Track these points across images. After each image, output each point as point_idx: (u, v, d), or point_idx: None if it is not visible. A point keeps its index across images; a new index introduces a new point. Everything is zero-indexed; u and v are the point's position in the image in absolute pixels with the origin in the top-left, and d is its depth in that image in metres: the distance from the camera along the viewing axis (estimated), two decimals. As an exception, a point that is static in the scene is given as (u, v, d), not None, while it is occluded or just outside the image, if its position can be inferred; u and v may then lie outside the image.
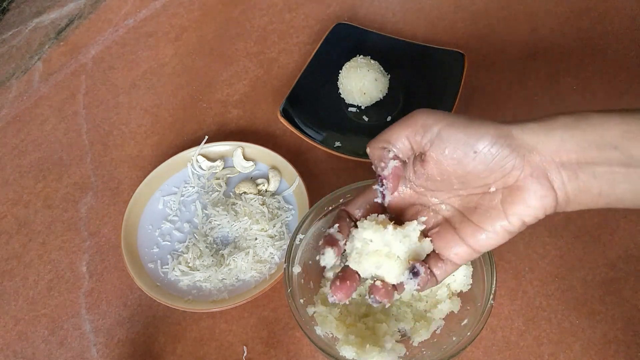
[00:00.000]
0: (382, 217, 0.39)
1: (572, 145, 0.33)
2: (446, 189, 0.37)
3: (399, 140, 0.36)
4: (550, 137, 0.33)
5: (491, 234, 0.36)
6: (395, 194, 0.39)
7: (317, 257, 0.39)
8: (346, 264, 0.39)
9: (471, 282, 0.45)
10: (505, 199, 0.35)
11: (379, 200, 0.39)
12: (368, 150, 0.38)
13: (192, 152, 0.66)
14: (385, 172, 0.37)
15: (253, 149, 0.65)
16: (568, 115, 0.34)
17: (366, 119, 0.68)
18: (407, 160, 0.38)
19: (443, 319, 0.46)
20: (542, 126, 0.34)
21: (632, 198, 0.34)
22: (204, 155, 0.66)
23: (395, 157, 0.36)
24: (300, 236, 0.47)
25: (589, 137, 0.33)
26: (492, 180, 0.35)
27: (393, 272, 0.37)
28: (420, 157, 0.37)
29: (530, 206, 0.34)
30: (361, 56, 0.67)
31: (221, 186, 0.63)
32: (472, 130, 0.34)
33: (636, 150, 0.32)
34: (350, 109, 0.69)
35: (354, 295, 0.47)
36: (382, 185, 0.37)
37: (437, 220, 0.39)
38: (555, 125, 0.34)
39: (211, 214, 0.61)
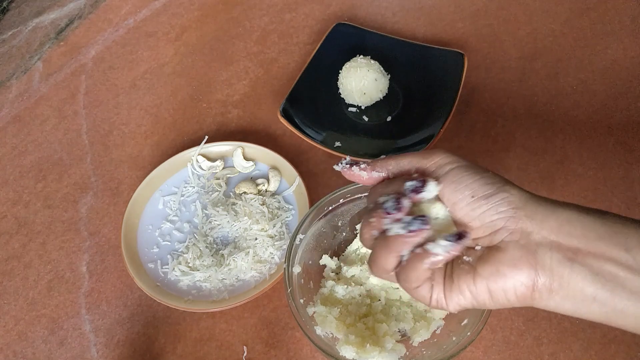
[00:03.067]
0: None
1: (577, 230, 0.29)
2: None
3: (406, 168, 0.35)
4: (556, 213, 0.30)
5: (458, 293, 0.32)
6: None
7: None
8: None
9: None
10: (481, 257, 0.32)
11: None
12: (379, 161, 0.37)
13: (192, 152, 0.66)
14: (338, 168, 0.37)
15: (253, 149, 0.65)
16: (584, 206, 0.31)
17: (366, 119, 0.68)
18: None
19: (443, 319, 0.46)
20: (554, 202, 0.31)
21: (635, 314, 0.28)
22: (204, 155, 0.66)
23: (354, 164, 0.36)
24: (300, 236, 0.47)
25: (600, 228, 0.29)
26: (481, 233, 0.32)
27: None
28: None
29: (500, 272, 0.30)
30: (361, 56, 0.67)
31: (221, 186, 0.63)
32: (480, 176, 0.32)
33: None
34: (350, 109, 0.69)
35: (354, 295, 0.47)
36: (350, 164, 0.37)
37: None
38: (567, 206, 0.31)
39: (211, 214, 0.61)
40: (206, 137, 0.67)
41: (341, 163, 0.37)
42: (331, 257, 0.50)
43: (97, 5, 0.93)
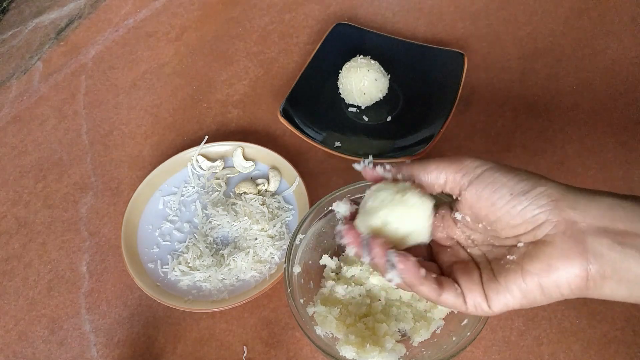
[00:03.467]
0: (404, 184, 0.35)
1: (621, 215, 0.29)
2: (479, 232, 0.35)
3: (434, 173, 0.35)
4: (596, 201, 0.30)
5: (506, 293, 0.31)
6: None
7: (335, 211, 0.37)
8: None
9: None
10: (527, 253, 0.31)
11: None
12: (404, 165, 0.36)
13: (192, 152, 0.66)
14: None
15: (253, 149, 0.65)
16: (619, 193, 0.31)
17: (366, 119, 0.68)
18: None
19: (443, 319, 0.46)
20: (591, 191, 0.31)
21: None
22: (204, 155, 0.66)
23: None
24: (300, 236, 0.47)
25: None
26: (523, 230, 0.32)
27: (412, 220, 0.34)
28: (455, 198, 0.35)
29: (552, 266, 0.30)
30: (361, 56, 0.67)
31: (221, 186, 0.63)
32: (513, 174, 0.32)
33: None
34: (350, 109, 0.69)
35: (354, 295, 0.47)
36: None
37: (464, 256, 0.36)
38: (605, 193, 0.31)
39: (211, 214, 0.61)
40: (206, 137, 0.67)
41: (363, 162, 0.36)
42: (331, 257, 0.50)
43: (97, 5, 0.93)
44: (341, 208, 0.37)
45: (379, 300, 0.47)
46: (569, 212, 0.30)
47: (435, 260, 0.37)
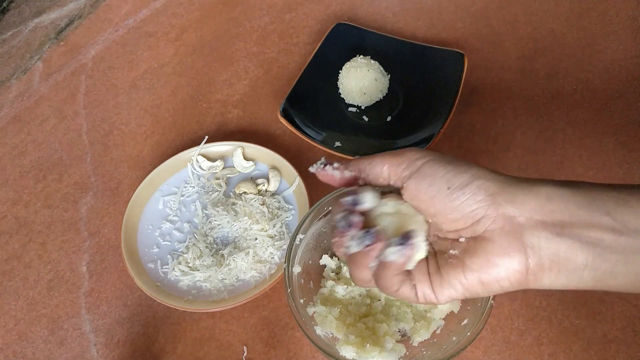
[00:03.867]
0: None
1: (558, 205, 0.30)
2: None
3: (379, 166, 0.35)
4: (534, 192, 0.30)
5: (449, 287, 0.32)
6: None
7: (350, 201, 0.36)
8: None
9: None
10: (468, 249, 0.31)
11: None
12: (352, 161, 0.37)
13: (192, 152, 0.66)
14: (313, 169, 0.37)
15: (253, 149, 0.65)
16: (558, 180, 0.31)
17: (366, 119, 0.68)
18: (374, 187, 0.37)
19: (443, 319, 0.46)
20: (529, 181, 0.31)
21: (623, 273, 0.29)
22: (204, 155, 0.66)
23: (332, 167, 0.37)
24: (300, 236, 0.47)
25: (578, 199, 0.30)
26: (462, 225, 0.32)
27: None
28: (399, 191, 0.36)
29: (491, 263, 0.30)
30: (361, 56, 0.67)
31: (221, 186, 0.63)
32: (452, 167, 0.32)
33: (629, 217, 0.29)
34: (350, 109, 0.69)
35: (354, 295, 0.47)
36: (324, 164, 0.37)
37: None
38: (543, 183, 0.31)
39: (211, 214, 0.61)
40: (206, 137, 0.67)
41: (316, 164, 0.37)
42: (331, 257, 0.50)
43: (97, 5, 0.93)
44: (367, 199, 0.36)
45: (379, 300, 0.47)
46: (506, 206, 0.30)
47: None
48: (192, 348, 0.54)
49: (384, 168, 0.35)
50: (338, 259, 0.51)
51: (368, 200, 0.35)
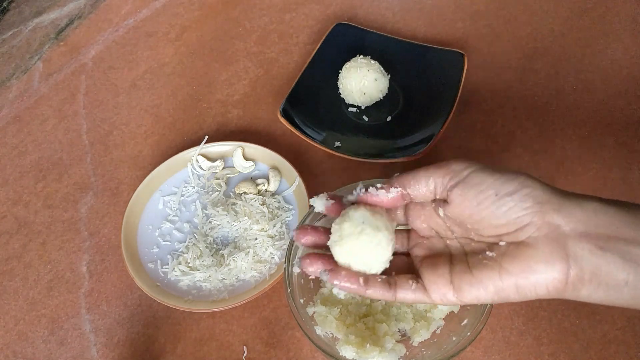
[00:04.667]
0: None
1: (604, 219, 0.30)
2: (461, 229, 0.35)
3: (424, 180, 0.35)
4: (581, 205, 0.30)
5: (479, 287, 0.32)
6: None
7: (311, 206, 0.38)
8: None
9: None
10: (508, 253, 0.31)
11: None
12: (395, 178, 0.36)
13: (192, 152, 0.66)
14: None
15: (253, 149, 0.65)
16: (604, 198, 0.31)
17: (366, 119, 0.68)
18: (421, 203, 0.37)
19: (443, 319, 0.46)
20: (576, 194, 0.31)
21: None
22: (204, 155, 0.66)
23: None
24: (300, 236, 0.47)
25: (624, 216, 0.30)
26: (505, 230, 0.32)
27: (376, 258, 0.35)
28: (442, 201, 0.35)
29: (532, 268, 0.30)
30: (361, 56, 0.67)
31: (221, 186, 0.63)
32: (500, 174, 0.32)
33: None
34: (350, 109, 0.69)
35: (354, 295, 0.47)
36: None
37: (439, 248, 0.36)
38: (589, 198, 0.31)
39: (211, 214, 0.61)
40: (206, 137, 0.67)
41: (355, 191, 0.36)
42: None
43: (97, 5, 0.93)
44: (318, 204, 0.38)
45: (379, 300, 0.47)
46: (552, 215, 0.30)
47: (410, 253, 0.38)
48: (192, 348, 0.54)
49: (429, 181, 0.35)
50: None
51: (318, 204, 0.37)
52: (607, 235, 0.29)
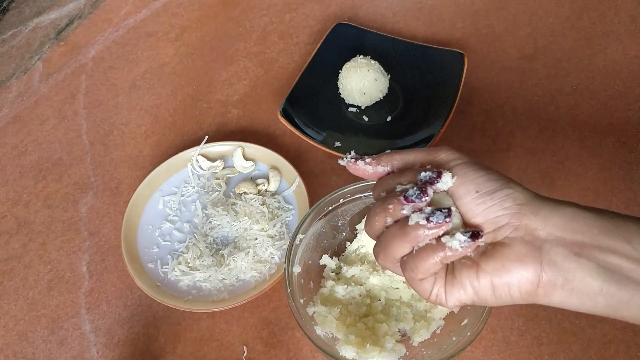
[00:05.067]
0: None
1: (580, 225, 0.30)
2: None
3: (413, 162, 0.35)
4: (559, 210, 0.31)
5: (459, 288, 0.32)
6: None
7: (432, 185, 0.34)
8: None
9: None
10: (485, 252, 0.31)
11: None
12: (384, 155, 0.37)
13: (192, 152, 0.66)
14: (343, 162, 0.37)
15: (253, 149, 0.65)
16: (582, 204, 0.31)
17: (366, 119, 0.68)
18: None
19: (443, 319, 0.46)
20: (555, 200, 0.32)
21: (637, 304, 0.29)
22: (204, 155, 0.66)
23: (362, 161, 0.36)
24: (300, 236, 0.47)
25: (601, 223, 0.30)
26: (484, 229, 0.32)
27: None
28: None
29: (505, 267, 0.30)
30: (361, 56, 0.67)
31: (221, 186, 0.63)
32: (484, 172, 0.33)
33: None
34: (350, 109, 0.69)
35: (354, 295, 0.47)
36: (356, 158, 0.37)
37: None
38: (568, 204, 0.31)
39: (211, 214, 0.61)
40: (206, 137, 0.67)
41: (346, 157, 0.37)
42: (331, 257, 0.50)
43: (97, 5, 0.93)
44: (446, 179, 0.34)
45: (379, 300, 0.47)
46: (530, 217, 0.31)
47: None
48: (192, 348, 0.54)
49: (416, 164, 0.35)
50: (338, 259, 0.51)
51: (447, 181, 0.33)
52: (583, 242, 0.30)
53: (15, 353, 0.56)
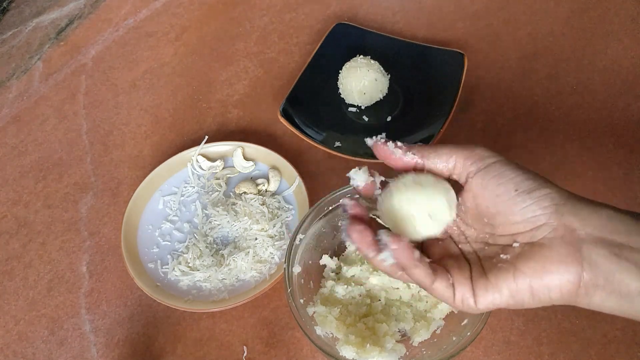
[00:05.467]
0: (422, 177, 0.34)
1: (619, 227, 0.30)
2: (475, 227, 0.35)
3: (446, 156, 0.34)
4: (597, 212, 0.30)
5: (494, 291, 0.31)
6: None
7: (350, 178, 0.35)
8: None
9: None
10: (522, 253, 0.31)
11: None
12: (417, 145, 0.35)
13: (192, 152, 0.66)
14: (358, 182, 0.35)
15: (253, 149, 0.65)
16: (618, 207, 0.31)
17: (366, 119, 0.68)
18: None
19: (443, 319, 0.46)
20: (592, 201, 0.31)
21: None
22: (204, 155, 0.66)
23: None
24: (300, 236, 0.47)
25: (639, 225, 0.29)
26: (521, 229, 0.31)
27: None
28: (460, 186, 0.35)
29: (546, 269, 0.29)
30: (361, 56, 0.67)
31: (221, 186, 0.63)
32: (521, 171, 0.32)
33: None
34: (350, 109, 0.69)
35: (354, 295, 0.47)
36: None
37: (454, 251, 0.35)
38: (605, 205, 0.31)
39: (211, 214, 0.61)
40: (206, 137, 0.67)
41: (376, 137, 0.35)
42: (331, 257, 0.50)
43: (97, 5, 0.93)
44: (359, 178, 0.35)
45: (379, 300, 0.47)
46: (569, 217, 0.30)
47: (425, 253, 0.36)
48: (192, 348, 0.54)
49: (450, 158, 0.34)
50: (338, 259, 0.51)
51: (359, 178, 0.34)
52: (622, 243, 0.29)
53: (15, 353, 0.56)
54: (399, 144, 0.35)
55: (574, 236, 0.30)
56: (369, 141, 0.35)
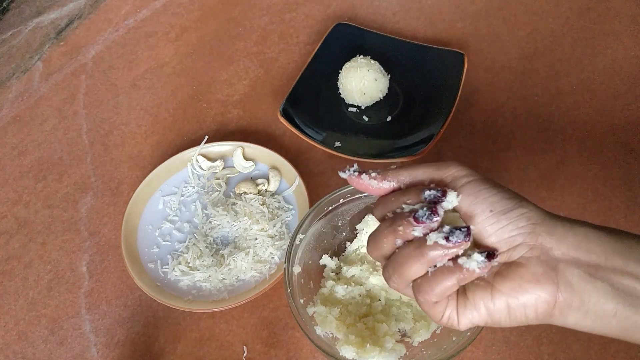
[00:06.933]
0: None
1: (595, 246, 0.30)
2: None
3: (422, 179, 0.34)
4: (573, 230, 0.30)
5: (472, 309, 0.31)
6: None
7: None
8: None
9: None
10: (500, 273, 0.31)
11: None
12: (390, 171, 0.35)
13: (192, 152, 0.66)
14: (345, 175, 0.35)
15: (253, 149, 0.65)
16: (595, 224, 0.31)
17: (366, 119, 0.68)
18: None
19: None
20: (568, 219, 0.31)
21: None
22: (204, 155, 0.66)
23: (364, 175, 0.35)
24: (300, 236, 0.47)
25: (615, 244, 0.30)
26: (498, 249, 0.31)
27: None
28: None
29: (522, 288, 0.30)
30: (361, 56, 0.67)
31: (221, 186, 0.63)
32: (497, 191, 0.32)
33: None
34: (350, 109, 0.69)
35: (354, 295, 0.47)
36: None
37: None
38: (581, 223, 0.31)
39: (211, 214, 0.61)
40: (206, 137, 0.67)
41: (348, 170, 0.35)
42: (331, 257, 0.50)
43: (97, 5, 0.93)
44: (451, 198, 0.33)
45: (379, 300, 0.47)
46: (545, 237, 0.30)
47: None
48: (192, 348, 0.54)
49: (425, 181, 0.34)
50: (338, 259, 0.51)
51: (452, 200, 0.32)
52: (598, 263, 0.29)
53: (15, 353, 0.56)
54: (373, 174, 0.35)
55: (550, 256, 0.30)
56: (342, 174, 0.35)
